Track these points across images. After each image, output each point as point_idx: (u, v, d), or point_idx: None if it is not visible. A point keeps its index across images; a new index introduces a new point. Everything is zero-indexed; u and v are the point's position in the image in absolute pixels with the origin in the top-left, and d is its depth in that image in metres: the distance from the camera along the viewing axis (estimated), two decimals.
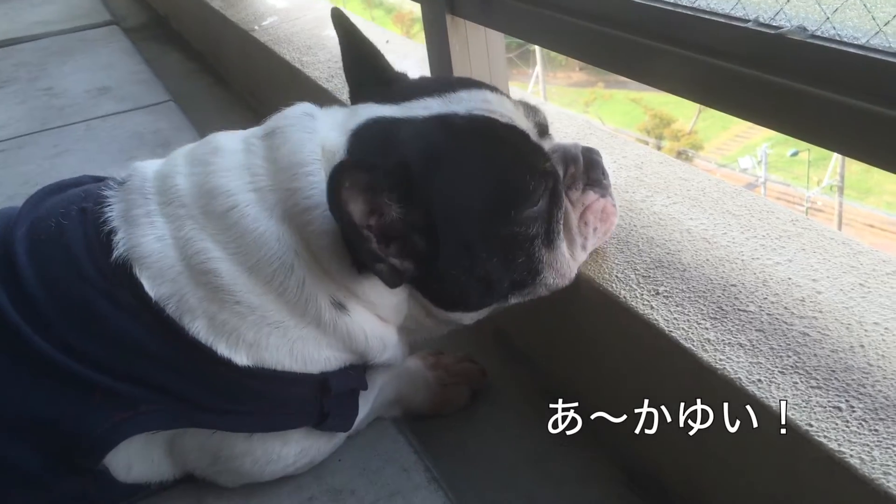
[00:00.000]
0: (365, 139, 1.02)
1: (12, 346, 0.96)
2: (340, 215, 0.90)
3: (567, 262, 1.09)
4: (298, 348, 1.01)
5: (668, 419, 1.06)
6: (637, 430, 1.15)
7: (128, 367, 0.97)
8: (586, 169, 1.11)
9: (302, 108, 1.08)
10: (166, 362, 0.98)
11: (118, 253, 0.99)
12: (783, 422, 0.84)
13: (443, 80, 1.15)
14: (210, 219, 1.00)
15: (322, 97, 1.93)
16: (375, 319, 1.05)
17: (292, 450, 1.09)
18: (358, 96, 1.17)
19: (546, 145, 1.10)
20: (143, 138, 2.32)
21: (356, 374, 1.09)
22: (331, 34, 2.30)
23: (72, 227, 1.03)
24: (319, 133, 1.03)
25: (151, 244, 1.00)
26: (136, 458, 1.04)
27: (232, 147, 1.07)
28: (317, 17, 2.50)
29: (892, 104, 0.80)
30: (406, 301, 1.07)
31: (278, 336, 0.99)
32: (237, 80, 2.89)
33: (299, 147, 1.01)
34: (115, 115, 2.52)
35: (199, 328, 0.97)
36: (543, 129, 1.12)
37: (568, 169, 1.10)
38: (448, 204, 0.99)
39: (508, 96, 1.10)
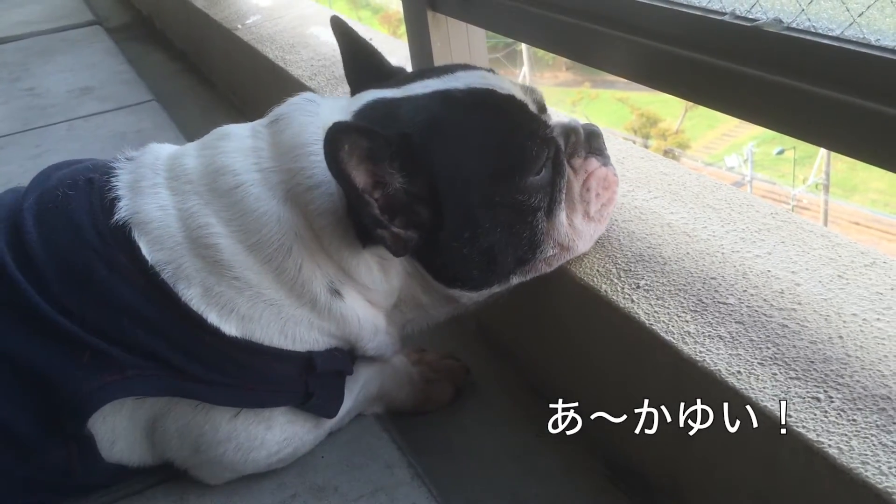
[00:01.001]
0: (367, 117, 1.05)
1: (12, 303, 0.98)
2: (339, 176, 0.92)
3: (566, 231, 1.08)
4: (290, 327, 1.03)
5: (650, 413, 1.06)
6: (619, 424, 1.16)
7: (118, 329, 0.98)
8: (587, 139, 1.12)
9: (304, 96, 1.11)
10: (155, 327, 0.99)
11: (119, 216, 1.02)
12: (783, 422, 0.84)
13: (441, 66, 1.15)
14: (215, 195, 1.03)
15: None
16: (368, 305, 1.07)
17: (276, 436, 1.09)
18: (359, 91, 1.18)
19: (545, 119, 1.11)
20: (126, 138, 2.31)
21: (342, 356, 1.10)
22: (313, 32, 2.30)
23: (78, 195, 1.06)
24: (321, 116, 1.05)
25: (153, 212, 1.03)
26: (119, 434, 1.04)
27: (240, 133, 1.10)
28: (300, 16, 2.50)
29: (867, 95, 0.81)
30: (402, 282, 1.08)
31: (272, 313, 1.02)
32: (220, 80, 2.88)
33: (301, 129, 1.04)
34: (97, 115, 2.51)
35: (192, 295, 0.99)
36: (542, 107, 1.13)
37: (569, 139, 1.11)
38: (450, 172, 1.00)
39: (504, 77, 1.13)
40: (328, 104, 1.09)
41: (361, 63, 1.22)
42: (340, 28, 1.25)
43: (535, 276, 1.11)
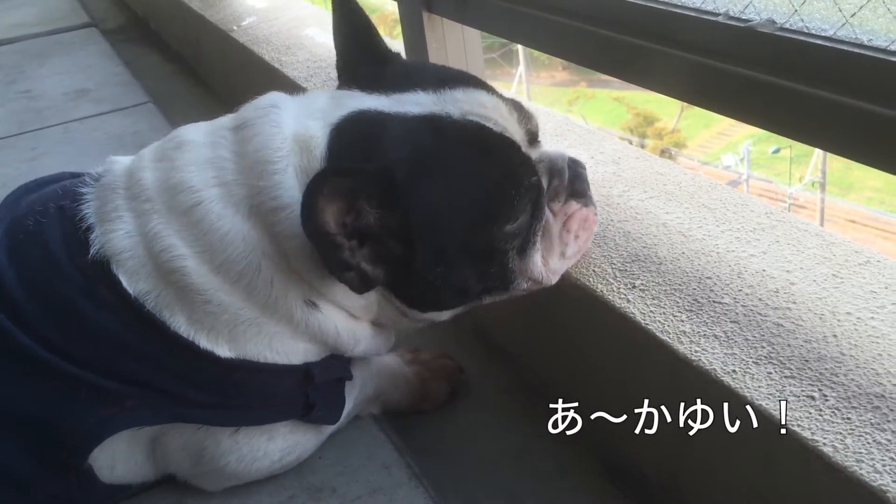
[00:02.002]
0: (348, 134, 0.98)
1: None
2: (313, 228, 0.87)
3: (540, 270, 1.07)
4: (276, 342, 1.01)
5: (647, 413, 1.07)
6: (615, 423, 1.16)
7: (111, 363, 0.97)
8: (571, 180, 1.09)
9: (270, 99, 1.04)
10: (149, 358, 0.97)
11: (94, 250, 0.98)
12: (783, 422, 0.84)
13: (440, 72, 1.09)
14: (174, 214, 0.98)
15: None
16: (346, 316, 1.04)
17: (278, 445, 1.09)
18: (347, 74, 1.12)
19: (534, 154, 1.06)
20: (123, 140, 2.31)
21: (340, 363, 1.09)
22: (309, 34, 2.30)
23: (50, 225, 1.02)
24: (286, 127, 0.99)
25: (122, 240, 0.99)
26: (119, 458, 1.04)
27: (197, 140, 1.04)
28: (295, 17, 2.50)
29: (860, 95, 0.81)
30: (376, 302, 1.05)
31: (254, 332, 0.99)
32: (216, 81, 2.88)
33: (266, 143, 0.97)
34: (93, 117, 2.51)
35: (179, 323, 0.97)
36: (534, 137, 1.09)
37: (552, 181, 1.08)
38: (430, 213, 0.95)
39: (503, 98, 1.06)
40: (300, 109, 1.02)
41: (355, 39, 1.13)
42: (347, 4, 1.14)
43: (509, 299, 1.10)
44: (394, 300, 1.04)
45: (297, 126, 0.99)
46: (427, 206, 0.95)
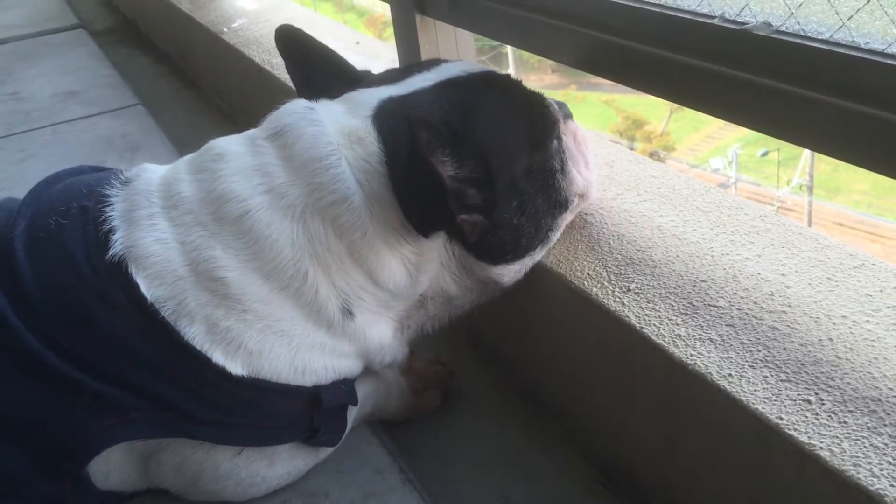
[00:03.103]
0: (391, 116, 1.03)
1: (6, 345, 0.94)
2: (433, 167, 0.93)
3: (581, 182, 1.16)
4: (301, 357, 1.00)
5: (641, 416, 1.07)
6: (609, 427, 1.16)
7: (118, 370, 0.95)
8: (560, 106, 1.19)
9: (301, 103, 1.07)
10: (157, 367, 0.96)
11: (114, 251, 0.97)
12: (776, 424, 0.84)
13: (419, 63, 1.17)
14: (222, 225, 0.99)
15: (290, 99, 1.91)
16: (379, 321, 1.06)
17: (277, 471, 1.07)
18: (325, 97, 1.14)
19: None
20: (112, 142, 2.29)
21: (346, 388, 1.08)
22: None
23: (71, 225, 1.01)
24: (329, 124, 1.03)
25: (151, 245, 0.98)
26: (113, 469, 1.02)
27: (235, 150, 1.05)
28: (286, 19, 2.48)
29: (856, 98, 0.81)
30: (432, 278, 1.07)
31: (282, 345, 0.99)
32: (206, 83, 2.87)
33: (315, 141, 1.01)
34: (82, 119, 2.49)
35: (195, 333, 0.95)
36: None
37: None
38: (495, 148, 1.01)
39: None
40: (330, 110, 1.06)
41: (321, 68, 1.18)
42: (292, 36, 1.19)
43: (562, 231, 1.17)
44: (460, 259, 1.07)
45: (336, 124, 1.03)
46: (490, 143, 1.01)
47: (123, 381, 0.95)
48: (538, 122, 1.10)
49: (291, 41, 1.20)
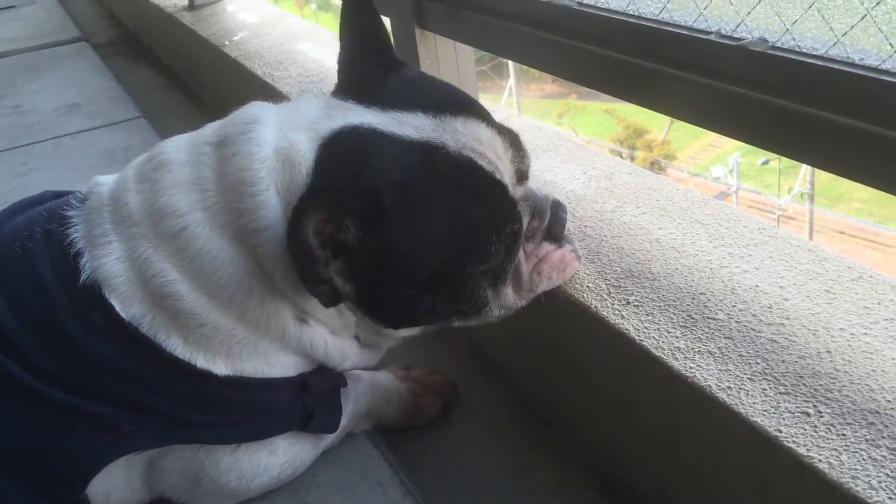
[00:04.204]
0: (337, 153, 0.95)
1: None
2: (295, 240, 0.86)
3: (511, 300, 1.07)
4: (272, 357, 1.01)
5: (641, 428, 1.07)
6: (609, 439, 1.16)
7: (106, 389, 0.95)
8: (550, 224, 1.09)
9: (251, 113, 1.02)
10: (145, 381, 0.96)
11: (85, 276, 0.97)
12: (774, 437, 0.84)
13: (443, 93, 1.06)
14: (163, 240, 0.97)
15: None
16: (331, 332, 1.05)
17: (279, 459, 1.08)
18: (348, 73, 1.09)
19: (520, 191, 1.05)
20: (114, 155, 2.31)
21: (333, 372, 1.09)
22: (301, 48, 2.31)
23: (37, 250, 1.01)
24: (268, 143, 0.97)
25: (113, 266, 0.98)
26: (115, 486, 1.02)
27: (177, 159, 1.02)
28: (287, 32, 2.50)
29: (850, 113, 0.82)
30: (353, 319, 1.05)
31: (250, 350, 0.99)
32: (208, 96, 2.88)
33: (245, 163, 0.96)
34: (84, 132, 2.51)
35: (174, 344, 0.96)
36: (524, 175, 1.07)
37: (532, 221, 1.07)
38: (408, 242, 0.94)
39: (501, 130, 1.04)
40: (285, 120, 0.99)
41: (371, 39, 1.08)
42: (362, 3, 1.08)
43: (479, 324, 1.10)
44: (363, 317, 1.04)
45: (279, 141, 0.97)
46: (407, 235, 0.93)
47: (113, 398, 0.96)
48: (478, 245, 0.98)
49: (362, 3, 1.09)
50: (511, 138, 1.04)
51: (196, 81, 3.01)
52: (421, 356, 1.40)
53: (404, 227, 0.93)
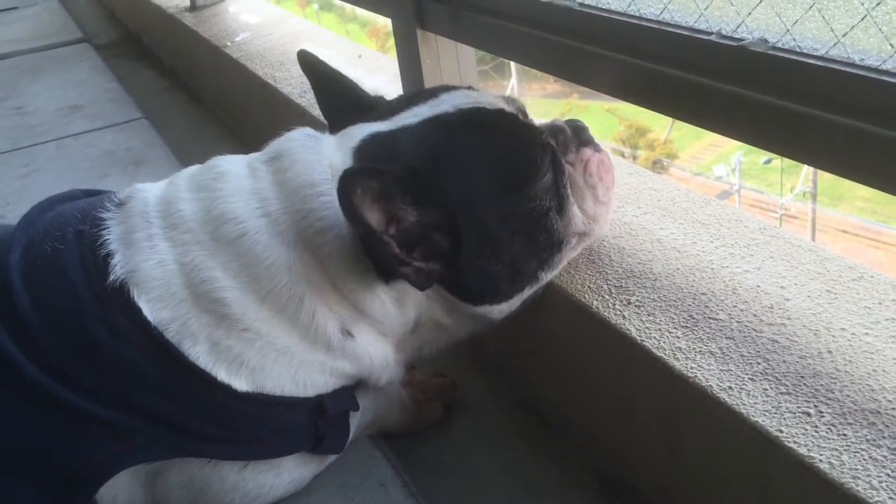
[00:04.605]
0: (368, 153, 1.03)
1: (7, 377, 0.93)
2: (356, 222, 0.91)
3: (581, 220, 1.10)
4: (302, 373, 1.01)
5: (641, 428, 1.07)
6: (610, 440, 1.16)
7: (124, 394, 0.95)
8: (575, 133, 1.14)
9: (303, 131, 1.08)
10: (163, 389, 0.96)
11: (115, 276, 0.97)
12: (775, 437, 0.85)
13: (423, 91, 1.14)
14: (220, 245, 0.99)
15: (295, 113, 1.93)
16: (379, 341, 1.06)
17: (284, 480, 1.08)
18: (340, 127, 1.15)
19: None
20: (116, 156, 2.31)
21: (348, 395, 1.09)
22: None
23: (68, 251, 1.01)
24: (325, 154, 1.03)
25: (152, 269, 0.98)
26: (121, 491, 1.01)
27: (236, 172, 1.06)
28: (289, 33, 2.51)
29: (851, 113, 0.82)
30: (421, 309, 1.06)
31: (283, 362, 0.99)
32: (210, 97, 2.88)
33: (308, 168, 1.01)
34: (86, 133, 2.51)
35: (199, 353, 0.96)
36: (524, 114, 1.14)
37: (557, 138, 1.12)
38: (462, 196, 0.99)
39: (485, 93, 1.12)
40: (328, 142, 1.07)
41: (340, 99, 1.19)
42: (310, 65, 1.22)
43: (563, 266, 1.13)
44: (447, 299, 1.06)
45: (329, 155, 1.04)
46: (457, 191, 0.99)
47: (129, 404, 0.95)
48: (518, 165, 1.04)
49: (309, 67, 1.22)
50: (499, 94, 1.13)
51: (198, 82, 3.01)
52: (422, 360, 1.40)
53: (450, 184, 0.99)
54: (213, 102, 2.86)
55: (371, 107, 1.15)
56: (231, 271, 0.98)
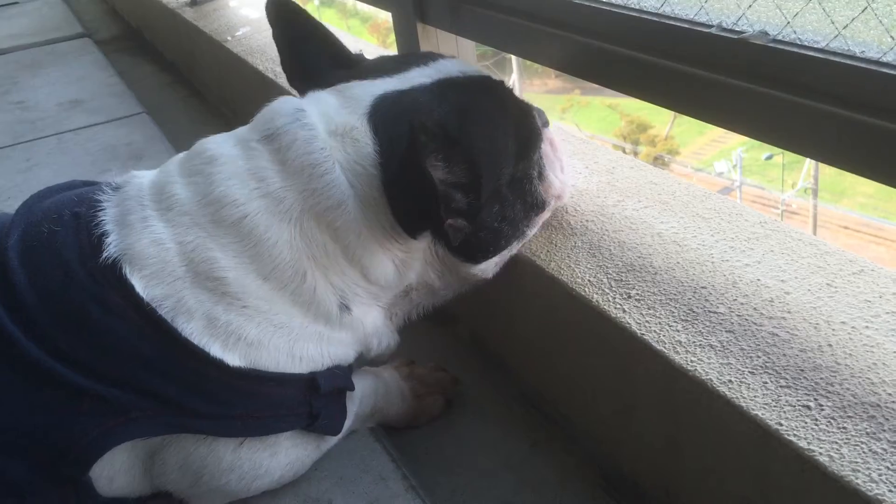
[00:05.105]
0: (387, 115, 1.04)
1: (4, 353, 0.95)
2: (424, 177, 0.95)
3: (558, 185, 1.20)
4: (300, 346, 1.03)
5: (642, 422, 1.07)
6: (611, 434, 1.16)
7: (118, 371, 0.96)
8: (538, 114, 1.22)
9: (291, 104, 1.07)
10: (156, 365, 0.96)
11: (107, 254, 0.98)
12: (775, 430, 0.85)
13: (413, 55, 1.17)
14: (220, 228, 1.01)
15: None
16: (371, 308, 1.09)
17: (280, 461, 1.08)
18: (311, 84, 1.14)
19: None
20: (117, 151, 2.31)
21: (342, 373, 1.10)
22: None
23: (64, 232, 1.02)
24: (320, 126, 1.04)
25: (146, 247, 1.00)
26: (119, 471, 1.02)
27: (227, 153, 1.07)
28: None
29: (852, 106, 0.82)
30: (418, 273, 1.11)
31: (281, 336, 1.01)
32: (211, 91, 2.88)
33: (308, 147, 1.02)
34: (87, 127, 2.51)
35: (193, 329, 0.97)
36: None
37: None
38: (486, 155, 1.03)
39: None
40: (320, 107, 1.07)
41: (314, 54, 1.19)
42: (285, 8, 1.19)
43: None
44: (449, 259, 1.11)
45: (327, 124, 1.05)
46: (482, 149, 1.02)
47: (123, 381, 0.96)
48: (526, 133, 1.12)
49: (284, 13, 1.20)
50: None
51: (198, 77, 3.01)
52: (424, 352, 1.40)
53: (475, 142, 1.02)
54: (213, 97, 2.85)
55: (353, 65, 1.17)
56: (231, 252, 1.00)
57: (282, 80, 2.07)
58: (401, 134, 1.00)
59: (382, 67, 1.13)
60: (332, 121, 1.05)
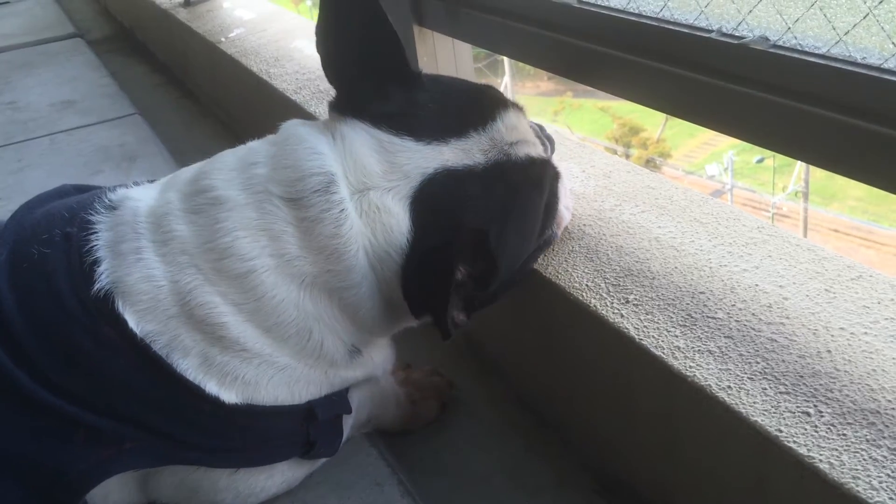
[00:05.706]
0: (431, 204, 0.96)
1: None
2: (448, 279, 0.90)
3: (567, 215, 1.20)
4: (301, 385, 1.01)
5: (640, 427, 1.07)
6: (608, 439, 1.16)
7: (111, 403, 0.93)
8: (548, 139, 1.19)
9: (319, 161, 0.97)
10: (150, 399, 0.94)
11: (100, 285, 0.94)
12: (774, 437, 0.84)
13: (470, 95, 1.07)
14: (223, 277, 0.95)
15: (289, 109, 1.92)
16: (382, 346, 1.11)
17: (276, 481, 1.08)
18: (349, 84, 1.05)
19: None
20: (109, 152, 2.30)
21: (339, 399, 1.09)
22: (298, 45, 2.29)
23: (55, 255, 0.98)
24: (350, 204, 0.95)
25: (139, 283, 0.95)
26: (113, 489, 1.01)
27: (235, 198, 0.98)
28: (283, 29, 2.49)
29: (852, 112, 0.82)
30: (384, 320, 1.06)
31: (281, 377, 0.99)
32: (204, 93, 2.87)
33: (336, 230, 0.94)
34: (79, 128, 2.49)
35: (188, 366, 0.94)
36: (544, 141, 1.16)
37: (547, 145, 1.18)
38: (513, 256, 1.04)
39: (514, 106, 1.08)
40: (356, 172, 0.97)
41: (372, 40, 1.00)
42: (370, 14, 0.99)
43: None
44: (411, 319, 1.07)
45: (360, 201, 0.96)
46: (510, 253, 1.03)
47: (117, 413, 0.94)
48: (552, 216, 1.12)
49: (364, 17, 1.00)
50: (517, 107, 1.10)
51: (192, 78, 3.00)
52: (419, 355, 1.40)
53: (508, 249, 1.01)
54: (207, 98, 2.84)
55: (411, 80, 1.03)
56: (231, 300, 0.95)
57: (275, 81, 2.07)
58: (438, 226, 0.95)
59: (439, 118, 1.01)
60: (368, 195, 0.96)
